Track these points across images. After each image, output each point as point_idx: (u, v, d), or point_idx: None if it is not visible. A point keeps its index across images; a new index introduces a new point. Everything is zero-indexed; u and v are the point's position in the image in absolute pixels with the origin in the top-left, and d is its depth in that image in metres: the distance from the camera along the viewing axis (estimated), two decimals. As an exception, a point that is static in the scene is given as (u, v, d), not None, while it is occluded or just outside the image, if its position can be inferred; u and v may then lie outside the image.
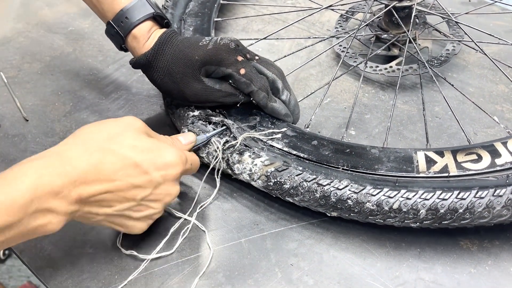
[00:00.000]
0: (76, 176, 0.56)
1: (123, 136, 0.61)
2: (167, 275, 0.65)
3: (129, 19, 0.75)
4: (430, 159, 0.68)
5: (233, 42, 0.72)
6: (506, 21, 1.03)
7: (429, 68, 0.85)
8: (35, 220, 0.53)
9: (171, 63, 0.73)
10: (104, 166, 0.58)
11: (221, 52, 0.71)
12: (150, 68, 0.75)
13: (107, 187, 0.58)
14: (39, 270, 0.66)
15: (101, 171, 0.57)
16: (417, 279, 0.63)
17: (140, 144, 0.61)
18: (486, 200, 0.62)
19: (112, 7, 0.75)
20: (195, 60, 0.72)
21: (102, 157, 0.58)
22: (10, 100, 0.90)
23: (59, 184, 0.54)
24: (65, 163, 0.56)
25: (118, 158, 0.59)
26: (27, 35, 1.06)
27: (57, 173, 0.54)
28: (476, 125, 0.82)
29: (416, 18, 0.92)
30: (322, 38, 0.97)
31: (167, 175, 0.62)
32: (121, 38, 0.76)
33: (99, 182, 0.57)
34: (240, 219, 0.70)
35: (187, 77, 0.72)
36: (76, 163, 0.56)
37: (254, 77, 0.72)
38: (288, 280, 0.64)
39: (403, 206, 0.63)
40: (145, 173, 0.60)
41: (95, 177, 0.57)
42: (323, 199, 0.66)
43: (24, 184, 0.52)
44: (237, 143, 0.71)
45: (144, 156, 0.60)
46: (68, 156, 0.57)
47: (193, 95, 0.73)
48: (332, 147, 0.71)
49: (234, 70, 0.71)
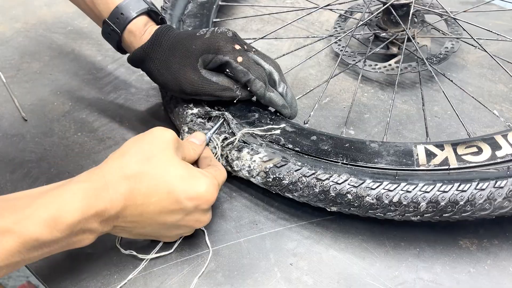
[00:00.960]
0: (117, 202, 0.57)
1: (157, 158, 0.61)
2: (166, 274, 0.65)
3: (125, 14, 0.75)
4: (430, 152, 0.67)
5: (231, 31, 0.73)
6: (506, 20, 1.03)
7: (428, 65, 0.85)
8: (76, 237, 0.56)
9: (169, 54, 0.73)
10: (140, 192, 0.59)
11: (219, 40, 0.72)
12: (148, 59, 0.75)
13: (141, 211, 0.59)
14: (38, 270, 0.66)
15: (137, 197, 0.59)
16: (416, 279, 0.63)
17: (175, 170, 0.61)
18: (487, 192, 0.61)
19: (107, 6, 0.76)
20: (192, 49, 0.72)
21: (139, 182, 0.59)
22: (9, 99, 0.90)
23: (102, 208, 0.56)
24: (108, 187, 0.57)
25: (153, 183, 0.59)
26: (26, 35, 1.06)
27: (102, 196, 0.56)
28: (476, 124, 0.82)
29: (415, 16, 0.92)
30: (320, 37, 0.97)
31: (199, 206, 0.62)
32: (117, 34, 0.76)
33: (134, 208, 0.59)
34: (239, 218, 0.70)
35: (185, 67, 0.72)
36: (116, 187, 0.58)
37: (251, 66, 0.72)
38: (287, 280, 0.64)
39: (403, 199, 0.63)
40: (177, 202, 0.60)
41: (131, 204, 0.58)
42: (322, 194, 0.66)
43: (74, 205, 0.54)
44: (235, 139, 0.71)
45: (178, 184, 0.60)
46: (109, 180, 0.58)
47: (190, 86, 0.73)
48: (331, 142, 0.71)
49: (231, 57, 0.71)
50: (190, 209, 0.61)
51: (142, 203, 0.59)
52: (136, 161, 0.60)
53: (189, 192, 0.61)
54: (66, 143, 0.82)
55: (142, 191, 0.59)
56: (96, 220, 0.56)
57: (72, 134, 0.84)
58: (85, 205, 0.55)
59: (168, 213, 0.61)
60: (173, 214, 0.61)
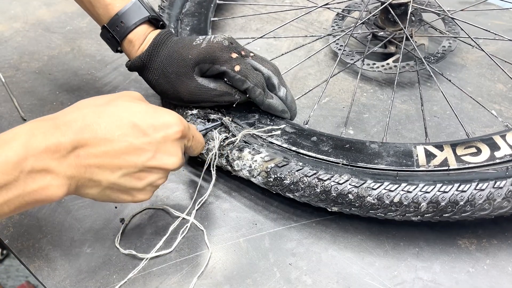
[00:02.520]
0: (71, 135, 0.54)
1: (119, 100, 0.59)
2: (165, 274, 0.65)
3: (125, 24, 0.74)
4: (430, 153, 0.68)
5: (227, 39, 0.72)
6: (504, 20, 1.03)
7: (426, 64, 0.85)
8: (34, 181, 0.52)
9: (165, 64, 0.73)
10: (100, 126, 0.56)
11: (215, 50, 0.71)
12: (145, 70, 0.75)
13: (105, 148, 0.56)
14: (37, 270, 0.66)
15: (97, 131, 0.55)
16: (415, 278, 0.63)
17: (137, 106, 0.59)
18: (487, 192, 0.62)
19: (107, 12, 0.75)
20: (188, 59, 0.72)
21: (97, 118, 0.56)
22: (8, 99, 0.90)
23: (54, 141, 0.53)
24: (60, 124, 0.54)
25: (114, 119, 0.57)
26: (25, 35, 1.06)
27: (51, 132, 0.53)
28: (475, 124, 0.82)
29: (412, 16, 0.92)
30: (319, 36, 0.97)
31: (168, 135, 0.59)
32: (116, 42, 0.76)
33: (96, 143, 0.55)
34: (238, 218, 0.70)
35: (181, 76, 0.72)
36: (70, 123, 0.55)
37: (249, 74, 0.71)
38: (286, 280, 0.64)
39: (404, 200, 0.63)
40: (144, 134, 0.58)
41: (91, 137, 0.55)
42: (323, 194, 0.66)
43: (17, 142, 0.51)
44: (236, 139, 0.71)
45: (142, 117, 0.58)
46: (62, 119, 0.55)
47: (188, 95, 0.73)
48: (332, 143, 0.71)
49: (228, 67, 0.71)
50: (159, 140, 0.59)
51: (105, 139, 0.56)
52: (96, 103, 0.58)
53: (155, 122, 0.59)
54: (65, 143, 0.82)
55: (103, 125, 0.56)
56: (50, 156, 0.52)
57: (71, 134, 0.84)
58: (29, 141, 0.52)
59: (136, 149, 0.57)
60: (142, 150, 0.58)
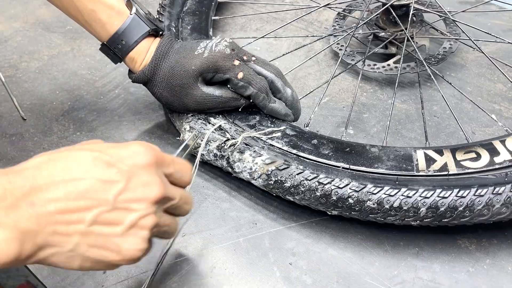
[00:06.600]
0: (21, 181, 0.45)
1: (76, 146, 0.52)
2: (165, 274, 0.64)
3: (126, 42, 0.73)
4: (430, 158, 0.68)
5: (228, 47, 0.72)
6: (505, 20, 1.03)
7: (427, 66, 0.85)
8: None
9: (169, 77, 0.73)
10: (56, 169, 0.47)
11: (217, 60, 0.71)
12: (149, 83, 0.75)
13: (65, 190, 0.46)
14: (37, 270, 0.66)
15: (53, 173, 0.47)
16: (415, 278, 0.63)
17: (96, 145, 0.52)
18: (486, 198, 0.62)
19: (105, 30, 0.74)
20: (192, 70, 0.72)
21: (52, 162, 0.48)
22: (8, 99, 0.90)
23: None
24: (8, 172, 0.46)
25: (72, 158, 0.48)
26: (24, 34, 1.05)
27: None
28: (474, 124, 0.82)
29: (414, 16, 0.92)
30: (320, 36, 0.97)
31: (137, 163, 0.50)
32: (118, 58, 0.76)
33: (53, 186, 0.46)
34: (238, 218, 0.70)
35: (186, 88, 0.72)
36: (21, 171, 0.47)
37: (252, 80, 0.72)
38: (286, 279, 0.64)
39: (403, 204, 0.63)
40: (109, 165, 0.49)
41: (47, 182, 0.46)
42: (324, 198, 0.66)
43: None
44: (237, 142, 0.71)
45: (103, 150, 0.50)
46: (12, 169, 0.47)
47: (195, 104, 0.73)
48: (332, 146, 0.71)
49: (232, 75, 0.71)
50: (128, 169, 0.50)
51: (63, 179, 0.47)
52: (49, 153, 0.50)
53: (120, 152, 0.50)
54: (65, 143, 0.82)
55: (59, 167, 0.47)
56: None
57: (71, 133, 0.84)
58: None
59: (103, 183, 0.48)
60: (111, 184, 0.48)
